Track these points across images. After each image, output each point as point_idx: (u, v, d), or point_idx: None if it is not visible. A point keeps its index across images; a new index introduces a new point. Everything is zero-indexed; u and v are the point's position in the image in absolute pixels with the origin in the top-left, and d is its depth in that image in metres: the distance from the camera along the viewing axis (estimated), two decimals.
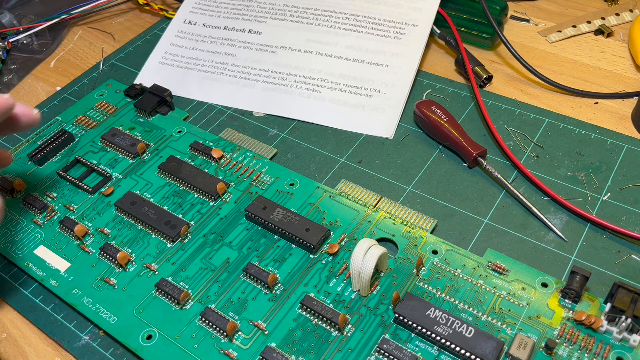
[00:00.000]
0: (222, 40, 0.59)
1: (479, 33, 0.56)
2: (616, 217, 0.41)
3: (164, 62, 0.58)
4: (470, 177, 0.45)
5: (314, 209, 0.42)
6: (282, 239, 0.41)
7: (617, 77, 0.53)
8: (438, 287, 0.37)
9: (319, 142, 0.49)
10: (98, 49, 0.62)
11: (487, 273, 0.38)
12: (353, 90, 0.52)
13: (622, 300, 0.33)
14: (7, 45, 0.61)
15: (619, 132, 0.47)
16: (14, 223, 0.44)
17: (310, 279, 0.38)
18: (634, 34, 0.54)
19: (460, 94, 0.52)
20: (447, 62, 0.56)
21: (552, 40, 0.57)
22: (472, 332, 0.33)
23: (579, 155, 0.46)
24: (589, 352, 0.33)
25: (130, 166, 0.47)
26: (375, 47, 0.55)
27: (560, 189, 0.43)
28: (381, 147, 0.48)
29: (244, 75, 0.55)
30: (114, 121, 0.51)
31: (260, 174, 0.45)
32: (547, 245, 0.40)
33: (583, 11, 0.60)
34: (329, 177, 0.46)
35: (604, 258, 0.39)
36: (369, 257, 0.35)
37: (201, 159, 0.47)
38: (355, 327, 0.36)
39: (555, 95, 0.51)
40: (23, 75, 0.60)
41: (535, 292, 0.36)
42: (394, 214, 0.41)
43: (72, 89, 0.57)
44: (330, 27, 0.57)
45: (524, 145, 0.47)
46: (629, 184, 0.43)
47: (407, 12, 0.57)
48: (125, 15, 0.67)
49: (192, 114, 0.53)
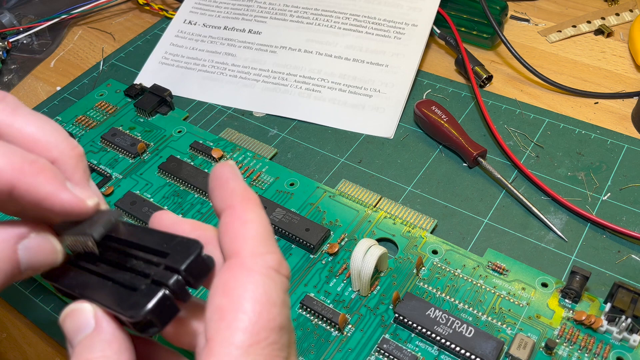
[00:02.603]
0: (222, 40, 0.59)
1: (479, 33, 0.56)
2: (616, 217, 0.41)
3: (164, 62, 0.58)
4: (470, 177, 0.45)
5: (314, 209, 0.42)
6: (282, 239, 0.41)
7: (617, 77, 0.53)
8: (438, 287, 0.37)
9: (319, 142, 0.49)
10: (98, 49, 0.62)
11: (487, 273, 0.38)
12: (353, 90, 0.52)
13: (622, 300, 0.33)
14: (7, 45, 0.61)
15: (619, 132, 0.47)
16: None
17: (310, 279, 0.38)
18: (634, 34, 0.54)
19: (460, 94, 0.52)
20: (447, 62, 0.56)
21: (552, 40, 0.57)
22: (472, 332, 0.33)
23: (579, 155, 0.46)
24: (589, 352, 0.33)
25: (130, 166, 0.47)
26: (375, 47, 0.55)
27: (560, 189, 0.43)
28: (381, 147, 0.48)
29: (244, 75, 0.55)
30: (114, 121, 0.51)
31: (260, 174, 0.45)
32: (547, 245, 0.40)
33: (583, 11, 0.60)
34: (329, 177, 0.46)
35: (604, 258, 0.39)
36: (369, 257, 0.35)
37: (201, 159, 0.47)
38: (355, 327, 0.36)
39: (555, 95, 0.51)
40: (23, 75, 0.60)
41: (535, 292, 0.36)
42: (394, 214, 0.41)
43: (72, 89, 0.57)
44: (330, 27, 0.57)
45: (524, 145, 0.47)
46: (629, 183, 0.43)
47: (407, 12, 0.57)
48: (125, 15, 0.67)
49: (192, 114, 0.53)
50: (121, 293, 0.21)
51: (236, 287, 0.20)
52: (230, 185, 0.22)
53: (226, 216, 0.21)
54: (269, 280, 0.20)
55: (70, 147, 0.23)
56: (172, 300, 0.21)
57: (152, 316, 0.20)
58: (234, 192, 0.22)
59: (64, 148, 0.22)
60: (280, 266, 0.21)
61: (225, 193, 0.22)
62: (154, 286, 0.21)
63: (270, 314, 0.19)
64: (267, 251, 0.21)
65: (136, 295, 0.21)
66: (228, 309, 0.19)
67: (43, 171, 0.21)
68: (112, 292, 0.22)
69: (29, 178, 0.20)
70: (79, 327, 0.21)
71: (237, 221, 0.21)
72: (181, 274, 0.21)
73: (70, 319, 0.21)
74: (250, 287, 0.19)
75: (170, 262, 0.21)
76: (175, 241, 0.22)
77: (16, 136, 0.22)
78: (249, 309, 0.19)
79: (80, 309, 0.21)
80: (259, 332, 0.19)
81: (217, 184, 0.22)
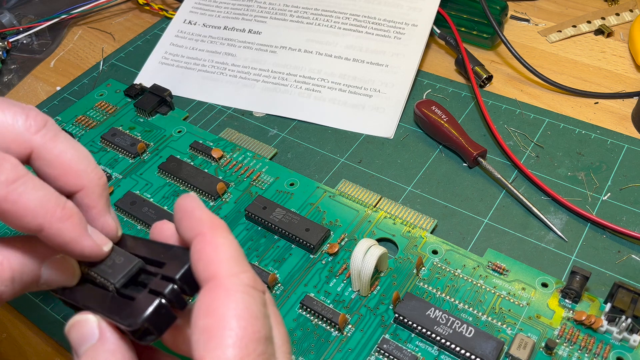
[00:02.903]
0: (222, 40, 0.59)
1: (479, 33, 0.56)
2: (616, 217, 0.41)
3: (164, 62, 0.58)
4: (470, 177, 0.45)
5: (314, 209, 0.42)
6: (282, 239, 0.41)
7: (617, 77, 0.53)
8: (438, 287, 0.37)
9: (319, 142, 0.49)
10: (98, 49, 0.62)
11: (487, 273, 0.38)
12: (353, 90, 0.52)
13: (622, 300, 0.33)
14: (7, 45, 0.61)
15: (619, 132, 0.47)
16: None
17: (310, 279, 0.38)
18: (634, 34, 0.54)
19: (460, 94, 0.52)
20: (447, 62, 0.56)
21: (552, 40, 0.57)
22: (472, 332, 0.33)
23: (579, 155, 0.46)
24: (589, 352, 0.33)
25: (130, 166, 0.47)
26: (375, 47, 0.55)
27: (560, 189, 0.43)
28: (381, 147, 0.48)
29: (244, 75, 0.55)
30: (114, 121, 0.51)
31: (260, 174, 0.45)
32: (547, 245, 0.40)
33: (583, 11, 0.60)
34: (329, 177, 0.46)
35: (604, 258, 0.39)
36: (369, 257, 0.35)
37: (201, 159, 0.47)
38: (355, 327, 0.36)
39: (555, 95, 0.51)
40: (23, 75, 0.60)
41: (536, 292, 0.36)
42: (394, 214, 0.41)
43: (72, 89, 0.57)
44: (330, 27, 0.57)
45: (524, 145, 0.47)
46: (629, 183, 0.43)
47: (407, 12, 0.57)
48: (125, 15, 0.67)
49: (192, 114, 0.53)
50: (120, 303, 0.22)
51: (219, 307, 0.20)
52: (197, 214, 0.23)
53: (197, 243, 0.22)
54: (248, 297, 0.21)
55: (97, 176, 0.24)
56: (167, 309, 0.22)
57: (149, 324, 0.21)
58: (202, 220, 0.22)
59: (93, 177, 0.24)
60: (255, 283, 0.22)
61: (193, 222, 0.23)
62: (150, 295, 0.22)
63: (254, 327, 0.20)
64: (241, 270, 0.21)
65: (134, 304, 0.22)
66: (215, 328, 0.20)
67: (71, 217, 0.22)
68: (112, 302, 0.23)
69: (58, 223, 0.22)
70: (83, 337, 0.22)
71: (209, 246, 0.22)
72: (176, 283, 0.22)
73: (75, 329, 0.23)
74: (232, 305, 0.20)
75: (166, 271, 0.22)
76: (171, 251, 0.23)
77: (53, 161, 0.23)
78: (234, 325, 0.20)
79: (85, 320, 0.23)
80: (247, 345, 0.20)
81: (183, 215, 0.23)
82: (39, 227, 0.22)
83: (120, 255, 0.24)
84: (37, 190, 0.22)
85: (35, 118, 0.23)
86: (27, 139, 0.23)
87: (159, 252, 0.24)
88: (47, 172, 0.24)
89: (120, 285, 0.23)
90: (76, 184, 0.24)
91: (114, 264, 0.24)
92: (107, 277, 0.23)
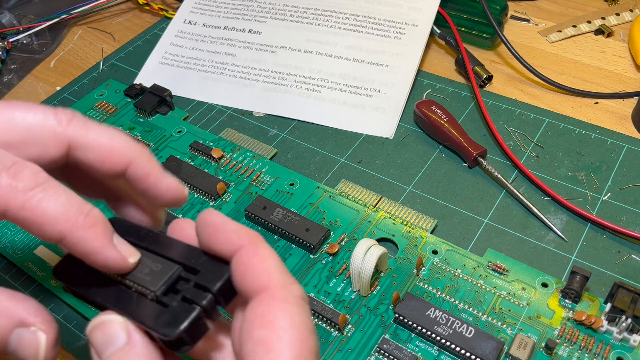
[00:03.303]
0: (222, 40, 0.59)
1: (479, 33, 0.56)
2: (616, 217, 0.41)
3: (164, 62, 0.58)
4: (470, 177, 0.45)
5: (314, 209, 0.42)
6: (282, 239, 0.41)
7: (617, 77, 0.53)
8: (438, 287, 0.37)
9: (319, 142, 0.49)
10: (98, 49, 0.62)
11: (487, 273, 0.37)
12: (353, 90, 0.52)
13: (622, 300, 0.33)
14: (7, 45, 0.61)
15: (619, 132, 0.47)
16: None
17: (310, 279, 0.38)
18: (634, 34, 0.54)
19: (460, 94, 0.52)
20: (447, 62, 0.56)
21: (552, 40, 0.57)
22: (472, 332, 0.33)
23: (579, 155, 0.46)
24: (589, 352, 0.33)
25: None
26: (375, 47, 0.55)
27: (560, 189, 0.43)
28: (381, 147, 0.48)
29: (244, 75, 0.55)
30: (114, 121, 0.51)
31: (260, 174, 0.45)
32: (547, 245, 0.40)
33: (583, 11, 0.60)
34: (329, 177, 0.46)
35: (604, 258, 0.39)
36: (369, 257, 0.35)
37: (201, 159, 0.47)
38: (355, 327, 0.36)
39: (555, 95, 0.51)
40: (23, 75, 0.60)
41: (536, 292, 0.36)
42: (394, 214, 0.41)
43: (72, 89, 0.57)
44: (330, 27, 0.57)
45: (524, 145, 0.47)
46: (629, 183, 0.43)
47: (407, 12, 0.57)
48: (125, 15, 0.67)
49: (192, 114, 0.53)
50: (151, 308, 0.22)
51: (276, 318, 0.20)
52: (231, 227, 0.22)
53: (242, 255, 0.21)
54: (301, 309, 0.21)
55: (140, 146, 0.24)
56: (203, 320, 0.21)
57: (186, 335, 0.21)
58: (239, 233, 0.22)
59: (137, 148, 0.24)
60: (304, 294, 0.22)
61: (230, 235, 0.22)
62: (186, 304, 0.21)
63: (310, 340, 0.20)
64: (291, 282, 0.21)
65: (169, 312, 0.21)
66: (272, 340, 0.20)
67: (94, 226, 0.21)
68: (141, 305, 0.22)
69: (80, 232, 0.21)
70: (109, 339, 0.21)
71: (255, 259, 0.21)
72: (213, 293, 0.21)
73: (100, 331, 0.21)
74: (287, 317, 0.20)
75: (202, 280, 0.22)
76: (204, 259, 0.23)
77: (93, 146, 0.24)
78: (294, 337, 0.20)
79: (110, 320, 0.22)
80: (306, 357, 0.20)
81: (215, 229, 0.22)
82: (60, 235, 0.21)
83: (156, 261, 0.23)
84: (58, 197, 0.21)
85: (63, 112, 0.24)
86: (61, 132, 0.23)
87: (189, 256, 0.23)
88: (91, 158, 0.24)
89: (161, 293, 0.22)
90: (123, 160, 0.24)
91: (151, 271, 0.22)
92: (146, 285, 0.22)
